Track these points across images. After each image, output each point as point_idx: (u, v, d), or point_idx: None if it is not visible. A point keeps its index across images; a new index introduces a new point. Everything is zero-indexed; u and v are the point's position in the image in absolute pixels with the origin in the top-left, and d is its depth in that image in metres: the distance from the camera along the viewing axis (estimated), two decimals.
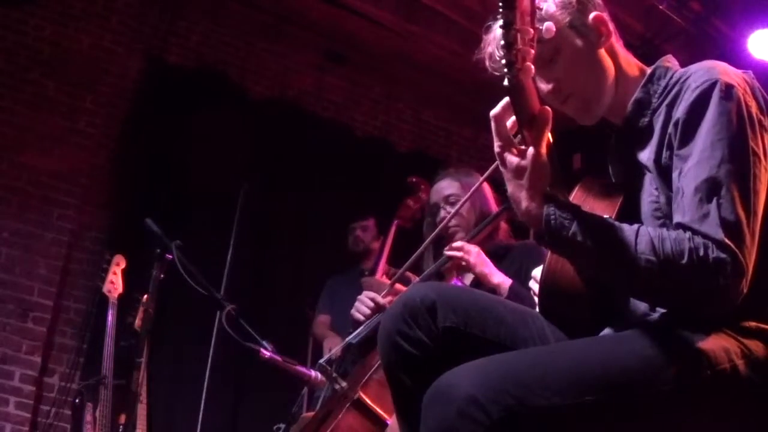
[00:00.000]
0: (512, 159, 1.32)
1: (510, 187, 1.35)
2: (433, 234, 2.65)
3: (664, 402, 1.23)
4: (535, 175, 1.30)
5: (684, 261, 1.23)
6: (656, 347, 1.25)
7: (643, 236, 1.26)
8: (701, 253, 1.22)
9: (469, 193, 2.61)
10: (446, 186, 2.78)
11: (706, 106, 1.32)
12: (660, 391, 1.22)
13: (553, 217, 1.29)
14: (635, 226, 1.29)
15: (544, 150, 1.31)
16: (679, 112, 1.36)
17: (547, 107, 1.30)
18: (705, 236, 1.24)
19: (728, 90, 1.33)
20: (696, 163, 1.30)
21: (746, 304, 1.26)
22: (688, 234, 1.25)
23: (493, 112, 1.32)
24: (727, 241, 1.23)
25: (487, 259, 2.47)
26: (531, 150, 1.30)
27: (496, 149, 1.34)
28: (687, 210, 1.28)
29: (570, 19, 1.48)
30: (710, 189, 1.27)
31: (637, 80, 1.52)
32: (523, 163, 1.31)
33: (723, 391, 1.25)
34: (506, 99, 1.30)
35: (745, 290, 1.24)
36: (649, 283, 1.27)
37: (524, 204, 1.32)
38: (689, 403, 1.25)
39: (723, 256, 1.22)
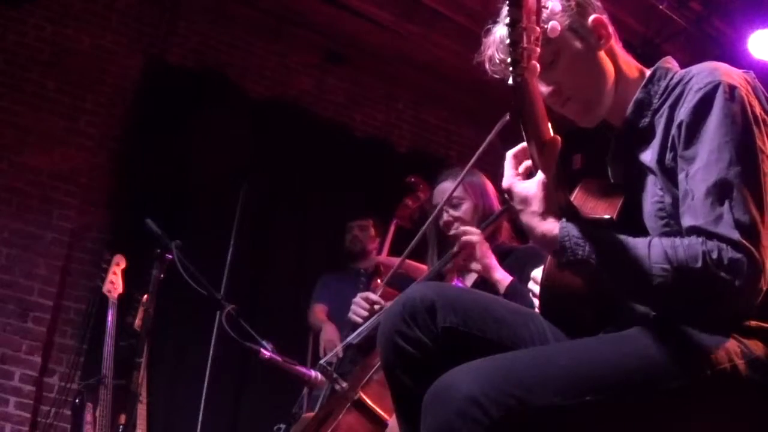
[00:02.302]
0: (520, 190, 1.36)
1: (522, 217, 1.37)
2: (425, 226, 2.66)
3: (665, 402, 1.23)
4: (545, 201, 1.34)
5: (698, 265, 1.22)
6: (657, 347, 1.25)
7: (656, 246, 1.26)
8: (715, 255, 1.22)
9: (457, 181, 2.61)
10: (449, 187, 2.77)
11: (710, 108, 1.32)
12: (660, 391, 1.22)
13: (567, 239, 1.31)
14: (647, 238, 1.30)
15: (553, 176, 1.34)
16: (683, 114, 1.36)
17: (557, 136, 1.33)
18: (720, 238, 1.24)
19: (732, 91, 1.33)
20: (704, 165, 1.29)
21: None
22: (701, 238, 1.25)
23: (512, 151, 1.40)
24: (743, 241, 1.23)
25: (491, 252, 2.49)
26: (540, 178, 1.34)
27: (505, 182, 1.39)
28: (699, 213, 1.28)
29: (570, 21, 1.48)
30: (721, 191, 1.27)
31: (637, 82, 1.52)
32: (532, 192, 1.35)
33: (723, 391, 1.25)
34: (526, 145, 1.35)
35: (764, 288, 1.24)
36: (666, 292, 1.26)
37: (538, 230, 1.35)
38: (689, 403, 1.25)
39: (738, 256, 1.22)
